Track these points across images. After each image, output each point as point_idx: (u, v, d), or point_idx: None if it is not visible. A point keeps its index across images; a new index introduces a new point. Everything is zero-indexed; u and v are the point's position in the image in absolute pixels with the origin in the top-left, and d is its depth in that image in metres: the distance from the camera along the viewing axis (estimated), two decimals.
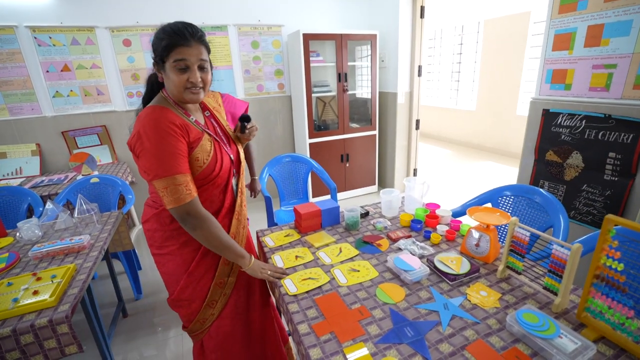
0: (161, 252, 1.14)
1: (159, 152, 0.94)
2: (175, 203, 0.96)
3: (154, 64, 1.02)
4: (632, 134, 1.62)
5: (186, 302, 1.17)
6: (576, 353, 0.78)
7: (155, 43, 0.98)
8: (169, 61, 0.97)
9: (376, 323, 0.94)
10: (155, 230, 1.13)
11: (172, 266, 1.14)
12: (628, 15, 1.59)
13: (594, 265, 0.86)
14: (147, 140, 0.94)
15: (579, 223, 1.91)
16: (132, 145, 0.99)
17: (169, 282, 1.18)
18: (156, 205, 1.11)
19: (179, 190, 0.96)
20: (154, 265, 2.67)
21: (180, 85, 0.99)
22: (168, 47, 0.95)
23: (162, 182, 0.95)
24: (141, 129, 0.96)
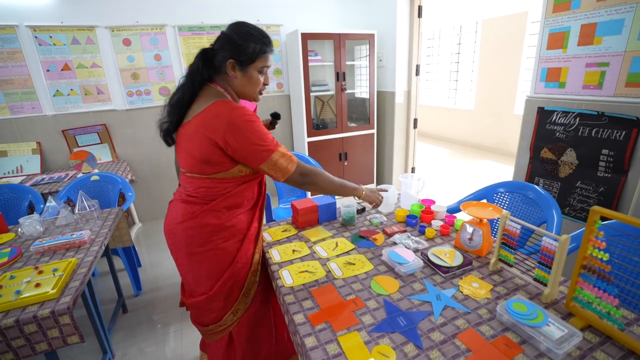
0: (204, 248, 1.12)
1: (260, 136, 1.03)
2: (287, 172, 1.08)
3: (232, 63, 1.06)
4: (624, 131, 1.65)
5: (224, 295, 1.17)
6: (562, 340, 0.81)
7: (244, 44, 1.04)
8: (255, 64, 1.08)
9: (370, 313, 0.96)
10: (202, 227, 1.11)
11: (216, 261, 1.14)
12: (620, 14, 1.62)
13: (581, 255, 0.89)
14: (244, 132, 1.01)
15: (573, 219, 1.93)
16: (228, 140, 1.00)
17: (207, 279, 1.15)
18: (204, 200, 1.11)
19: (285, 159, 1.07)
20: (153, 262, 2.70)
21: (258, 86, 1.12)
22: (262, 52, 1.07)
23: (269, 162, 1.05)
24: (231, 122, 1.00)
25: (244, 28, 1.06)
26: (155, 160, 3.38)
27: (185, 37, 3.17)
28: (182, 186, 1.17)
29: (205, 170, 1.07)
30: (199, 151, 1.04)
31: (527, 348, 0.83)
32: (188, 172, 1.11)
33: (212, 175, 1.08)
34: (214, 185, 1.09)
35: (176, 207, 1.15)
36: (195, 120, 1.04)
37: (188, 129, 1.07)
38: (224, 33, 1.08)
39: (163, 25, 3.07)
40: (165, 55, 3.15)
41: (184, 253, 1.14)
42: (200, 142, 1.03)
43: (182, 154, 1.11)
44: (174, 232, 1.14)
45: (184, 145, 1.09)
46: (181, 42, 3.16)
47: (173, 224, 1.13)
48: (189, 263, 1.15)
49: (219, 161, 1.05)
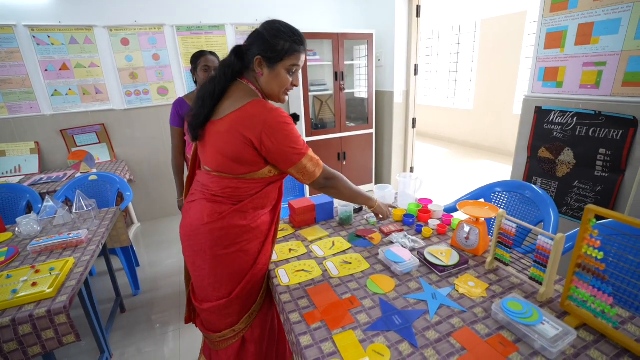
0: (229, 250, 1.08)
1: (294, 139, 1.03)
2: (314, 176, 1.09)
3: (260, 59, 1.03)
4: (621, 131, 1.65)
5: (244, 299, 1.14)
6: (557, 338, 0.81)
7: (272, 41, 1.01)
8: (284, 62, 1.04)
9: (366, 312, 0.97)
10: (230, 228, 1.07)
11: (239, 263, 1.11)
12: (617, 14, 1.62)
13: (576, 254, 0.89)
14: (279, 134, 1.00)
15: (570, 219, 1.93)
16: (263, 141, 0.99)
17: (229, 282, 1.11)
18: (233, 201, 1.08)
19: (312, 164, 1.08)
20: (152, 262, 2.70)
21: (285, 86, 1.08)
22: (291, 50, 1.03)
23: (299, 166, 1.05)
24: (269, 123, 0.99)
25: (274, 25, 1.04)
26: (154, 160, 3.38)
27: (184, 36, 3.17)
28: (204, 185, 1.10)
29: (235, 170, 1.04)
30: (232, 150, 1.01)
31: (521, 346, 0.83)
32: (215, 170, 1.07)
33: (242, 176, 1.06)
34: (242, 186, 1.07)
35: (201, 207, 1.08)
36: (230, 118, 1.01)
37: (220, 127, 1.03)
38: (256, 30, 1.06)
39: (161, 25, 3.07)
40: (164, 55, 3.15)
41: (208, 256, 1.08)
42: (235, 141, 1.00)
43: (209, 152, 1.07)
44: (197, 233, 1.08)
45: (213, 143, 1.05)
46: (179, 42, 3.16)
47: (197, 225, 1.07)
48: (212, 266, 1.09)
49: (251, 161, 1.03)
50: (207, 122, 1.07)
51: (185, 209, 1.16)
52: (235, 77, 1.08)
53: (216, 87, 1.05)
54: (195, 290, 1.20)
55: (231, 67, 1.06)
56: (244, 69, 1.08)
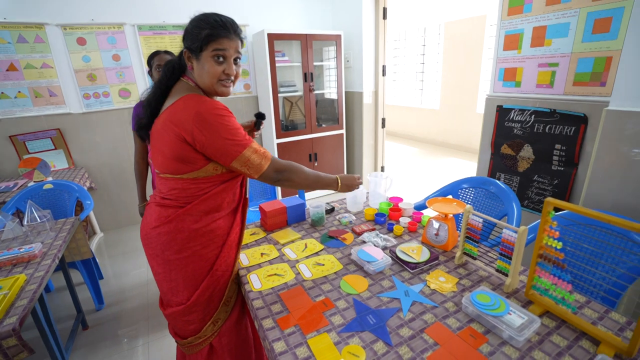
0: (181, 255, 1.05)
1: (231, 131, 0.97)
2: (261, 169, 1.02)
3: (187, 52, 1.01)
4: (574, 127, 1.76)
5: (203, 305, 1.11)
6: (523, 327, 0.84)
7: (193, 31, 0.98)
8: (207, 51, 0.98)
9: (340, 313, 0.96)
10: (178, 232, 1.04)
11: (193, 268, 1.07)
12: (566, 18, 1.72)
13: (538, 245, 0.93)
14: (212, 126, 0.95)
15: (532, 211, 2.04)
16: (195, 135, 0.95)
17: (185, 288, 1.09)
18: (179, 203, 1.04)
19: (258, 156, 1.01)
20: (118, 273, 2.55)
21: (215, 76, 1.01)
22: (210, 36, 0.97)
23: (241, 158, 0.99)
24: (199, 116, 0.94)
25: (197, 16, 1.01)
26: (117, 166, 3.21)
27: (146, 36, 3.04)
28: (156, 188, 1.11)
29: (178, 169, 1.00)
30: (168, 148, 0.98)
31: (490, 337, 0.85)
32: (162, 172, 1.04)
33: (185, 175, 1.01)
34: (189, 186, 1.03)
35: (150, 210, 1.08)
36: (164, 115, 1.00)
37: (157, 125, 1.02)
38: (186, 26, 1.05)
39: (121, 24, 2.92)
40: (125, 56, 3.00)
41: (160, 260, 1.07)
42: (169, 138, 0.97)
43: (154, 153, 1.05)
44: (148, 237, 1.07)
45: (155, 143, 1.04)
46: (142, 42, 3.03)
47: (147, 229, 1.07)
48: (165, 271, 1.07)
49: (190, 158, 0.99)
50: (152, 123, 1.07)
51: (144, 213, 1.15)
52: (179, 76, 1.07)
53: (158, 87, 1.04)
54: (162, 297, 1.18)
55: (172, 67, 1.05)
56: (185, 67, 1.07)
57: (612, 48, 1.60)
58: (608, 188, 1.54)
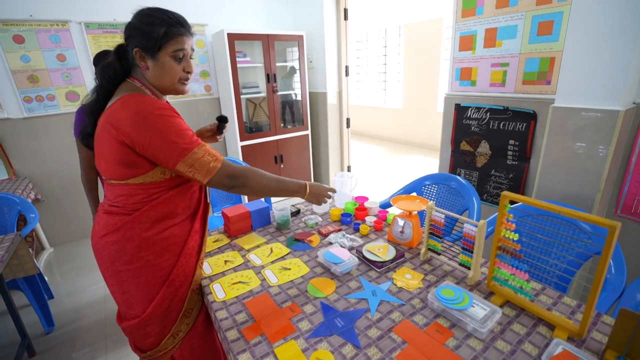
0: (133, 265, 0.99)
1: (172, 133, 0.90)
2: (210, 172, 0.95)
3: (139, 52, 0.94)
4: (525, 123, 1.86)
5: (160, 318, 1.04)
6: (486, 318, 0.86)
7: (145, 29, 0.92)
8: (166, 49, 0.94)
9: (307, 318, 0.93)
10: (126, 241, 0.97)
11: (146, 279, 1.00)
12: (514, 21, 1.82)
13: (496, 238, 0.96)
14: (154, 126, 0.89)
15: (490, 204, 2.13)
16: (135, 137, 0.88)
17: (139, 300, 1.02)
18: (127, 210, 0.97)
19: (207, 159, 0.94)
20: (71, 291, 2.36)
21: (176, 75, 0.98)
22: (168, 35, 0.93)
23: (187, 160, 0.92)
24: (138, 116, 0.88)
25: (145, 11, 0.95)
26: (67, 174, 2.96)
27: (95, 35, 2.84)
28: (105, 196, 1.04)
29: (123, 174, 0.94)
30: (109, 151, 0.92)
31: (456, 331, 0.87)
32: (107, 178, 0.99)
33: (131, 180, 0.95)
34: (136, 192, 0.96)
35: (98, 219, 1.02)
36: (102, 117, 0.94)
37: (98, 128, 0.96)
38: (129, 22, 0.97)
39: (66, 21, 2.70)
40: (71, 55, 2.78)
41: (111, 272, 1.00)
42: (109, 141, 0.91)
43: (98, 159, 0.99)
44: (97, 247, 1.02)
45: (97, 148, 0.97)
46: (90, 41, 2.83)
47: (96, 239, 1.01)
48: (117, 282, 1.01)
49: (133, 162, 0.92)
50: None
51: None
52: (123, 77, 0.99)
53: (98, 93, 0.98)
54: (119, 310, 1.11)
55: (113, 68, 0.97)
56: (130, 67, 0.99)
57: (554, 49, 1.71)
58: (557, 180, 1.64)
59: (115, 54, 0.98)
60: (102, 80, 0.98)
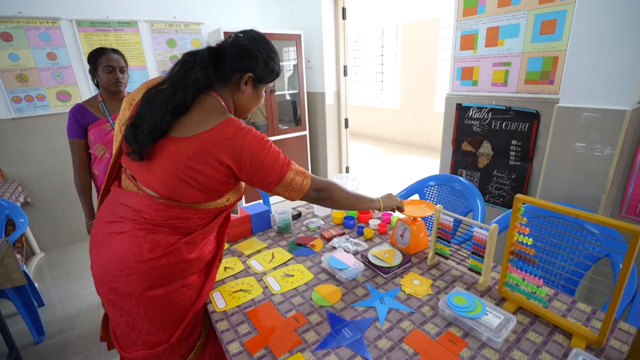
0: (170, 288, 0.90)
1: (274, 155, 0.91)
2: (303, 190, 0.97)
3: (250, 78, 0.95)
4: (527, 123, 1.83)
5: (189, 333, 0.97)
6: (500, 327, 0.83)
7: (269, 62, 0.97)
8: (267, 84, 1.02)
9: (313, 329, 0.89)
10: (177, 264, 0.90)
11: (183, 300, 0.93)
12: (516, 19, 1.79)
13: (509, 242, 0.93)
14: (261, 150, 0.88)
15: (492, 205, 2.10)
16: (243, 164, 0.87)
17: (169, 324, 0.93)
18: (182, 232, 0.92)
19: (300, 177, 0.96)
20: (63, 297, 2.28)
21: (259, 104, 1.05)
22: (278, 74, 1.02)
23: (286, 180, 0.93)
24: (249, 142, 0.87)
25: (267, 43, 0.98)
26: (59, 178, 2.88)
27: (87, 33, 2.76)
28: (138, 211, 0.88)
29: (192, 198, 0.88)
30: (199, 175, 0.86)
31: (470, 341, 0.83)
32: (165, 197, 0.88)
33: (196, 205, 0.91)
34: (194, 216, 0.92)
35: (136, 239, 0.86)
36: (202, 139, 0.84)
37: (186, 148, 0.84)
38: (244, 42, 0.93)
39: (56, 19, 2.63)
40: (62, 54, 2.71)
41: (143, 299, 0.88)
42: (206, 166, 0.85)
43: (160, 174, 0.86)
44: (129, 273, 0.86)
45: (169, 164, 0.85)
46: (82, 40, 2.75)
47: (131, 262, 0.85)
48: (148, 309, 0.89)
49: (217, 189, 0.91)
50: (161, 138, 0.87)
51: (103, 240, 0.90)
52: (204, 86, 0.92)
53: (186, 99, 0.87)
54: (119, 337, 0.98)
55: (205, 72, 0.89)
56: (216, 79, 0.94)
57: (558, 48, 1.68)
58: (561, 180, 1.61)
59: (209, 57, 0.91)
60: (188, 82, 0.87)
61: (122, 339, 0.97)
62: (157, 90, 0.90)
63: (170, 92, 0.87)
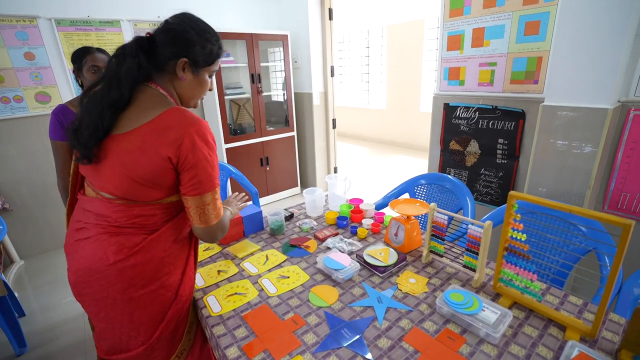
0: (147, 290, 0.88)
1: (209, 166, 0.87)
2: (209, 221, 0.90)
3: (186, 63, 0.89)
4: (513, 122, 1.88)
5: (168, 340, 0.95)
6: (498, 322, 0.84)
7: (204, 44, 0.91)
8: (209, 68, 0.94)
9: (312, 331, 0.88)
10: (147, 263, 0.87)
11: (161, 301, 0.91)
12: (501, 21, 1.83)
13: (503, 238, 0.94)
14: (207, 148, 0.86)
15: (480, 203, 2.14)
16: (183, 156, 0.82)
17: (148, 325, 0.91)
18: (147, 230, 0.88)
19: (215, 207, 0.91)
20: (45, 306, 2.20)
21: (205, 91, 0.99)
22: (218, 55, 0.95)
23: (203, 198, 0.87)
24: (195, 134, 0.83)
25: (200, 24, 0.93)
26: (39, 182, 2.77)
27: (67, 32, 2.67)
28: (100, 216, 0.87)
29: (149, 195, 0.86)
30: (147, 171, 0.82)
31: (468, 337, 0.84)
32: (121, 198, 0.85)
33: (157, 201, 0.88)
34: (158, 212, 0.89)
35: (100, 244, 0.85)
36: (142, 132, 0.82)
37: (128, 143, 0.82)
38: (174, 26, 0.90)
39: (34, 17, 2.53)
40: (41, 54, 2.61)
41: (119, 302, 0.86)
42: (151, 160, 0.81)
43: (110, 175, 0.84)
44: (100, 277, 0.85)
45: (116, 164, 0.83)
46: (62, 39, 2.65)
47: (99, 267, 0.84)
48: (126, 312, 0.88)
49: (171, 184, 0.87)
50: (105, 138, 0.84)
51: (72, 248, 0.89)
52: (141, 78, 0.88)
53: (123, 93, 0.83)
54: (100, 341, 0.97)
55: (137, 64, 0.85)
56: (153, 70, 0.90)
57: (541, 49, 1.73)
58: (547, 177, 1.65)
59: (141, 48, 0.86)
60: (121, 76, 0.83)
61: (106, 346, 0.95)
62: (94, 91, 0.87)
63: (104, 89, 0.84)
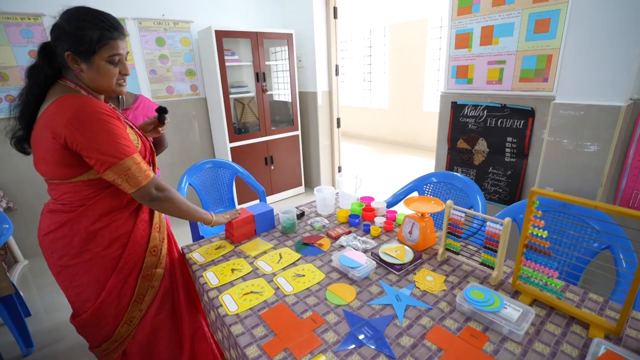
0: (81, 258, 1.00)
1: (108, 138, 0.91)
2: (139, 184, 0.95)
3: (71, 56, 0.91)
4: (522, 120, 1.87)
5: (113, 305, 1.07)
6: (521, 320, 0.83)
7: (76, 33, 0.89)
8: (100, 55, 0.93)
9: (332, 329, 0.87)
10: (73, 235, 0.99)
11: (97, 270, 1.03)
12: (511, 18, 1.82)
13: (524, 235, 0.93)
14: (89, 128, 0.89)
15: (488, 202, 2.13)
16: (68, 138, 0.88)
17: (91, 292, 1.04)
18: (73, 207, 0.99)
19: (140, 169, 0.96)
20: (50, 306, 2.18)
21: (113, 78, 0.98)
22: (102, 40, 0.92)
23: (119, 167, 0.92)
24: (74, 117, 0.87)
25: (74, 13, 0.93)
26: (41, 181, 2.72)
27: None
28: (50, 196, 1.04)
29: (66, 174, 0.95)
30: (50, 154, 0.92)
31: (490, 335, 0.83)
32: (49, 178, 0.99)
33: (75, 179, 0.96)
34: (82, 189, 0.98)
35: (43, 218, 1.04)
36: (40, 121, 0.93)
37: (35, 130, 0.95)
38: (56, 23, 0.93)
39: (38, 15, 2.51)
40: None
41: (59, 267, 1.02)
42: (47, 143, 0.91)
43: (37, 161, 0.98)
44: (43, 245, 1.04)
45: (36, 152, 0.97)
46: None
47: (40, 237, 1.03)
48: (67, 277, 1.03)
49: (75, 162, 0.93)
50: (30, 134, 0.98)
51: None
52: (55, 79, 0.96)
53: (29, 96, 0.95)
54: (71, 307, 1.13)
55: (43, 71, 0.94)
56: (62, 68, 0.96)
57: (552, 46, 1.72)
58: (558, 175, 1.64)
59: (42, 55, 0.94)
60: (32, 84, 0.94)
61: (73, 310, 1.12)
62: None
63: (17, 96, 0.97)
